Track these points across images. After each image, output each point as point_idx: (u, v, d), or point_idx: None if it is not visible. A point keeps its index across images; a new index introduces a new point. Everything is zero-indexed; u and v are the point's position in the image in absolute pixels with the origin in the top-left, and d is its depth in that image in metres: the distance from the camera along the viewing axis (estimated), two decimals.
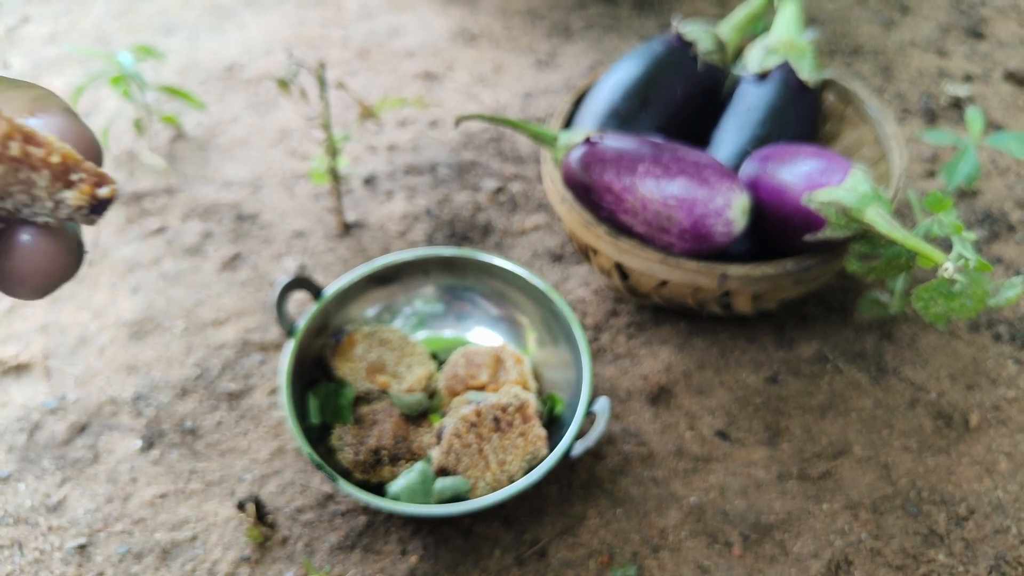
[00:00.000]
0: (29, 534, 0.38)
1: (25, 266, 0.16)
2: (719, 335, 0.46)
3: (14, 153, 0.15)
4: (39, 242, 0.16)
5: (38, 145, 0.16)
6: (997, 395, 0.43)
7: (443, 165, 0.58)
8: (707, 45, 0.48)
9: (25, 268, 0.16)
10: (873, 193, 0.37)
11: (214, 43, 0.69)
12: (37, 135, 0.16)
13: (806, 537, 0.38)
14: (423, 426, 0.39)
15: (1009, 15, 0.71)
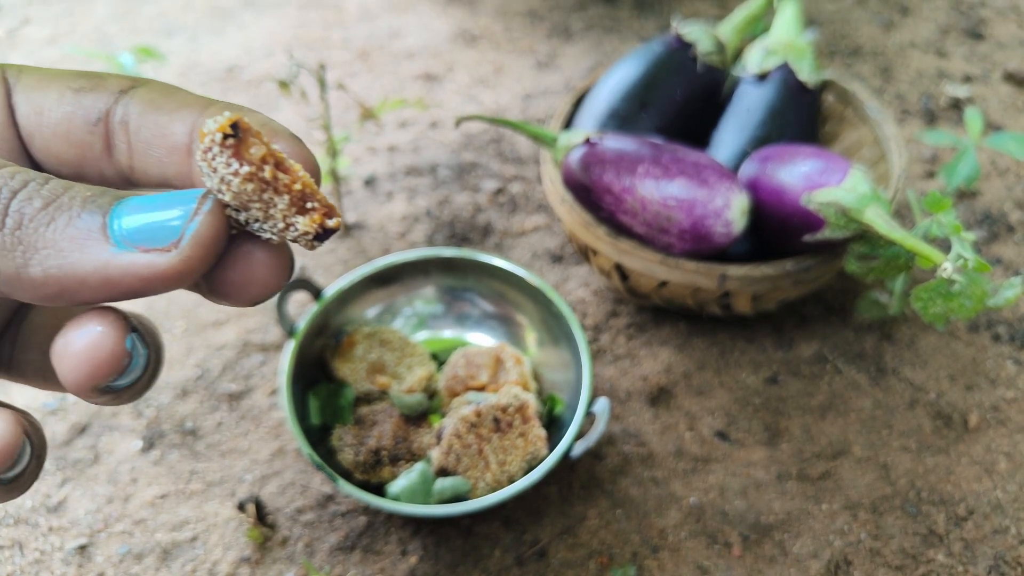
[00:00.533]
0: (30, 534, 0.38)
1: (244, 276, 0.17)
2: (719, 336, 0.47)
3: (266, 176, 0.16)
4: (261, 256, 0.17)
5: (286, 172, 0.17)
6: (996, 395, 0.44)
7: (443, 166, 0.58)
8: (707, 46, 0.48)
9: (244, 278, 0.17)
10: (872, 193, 0.38)
11: (215, 44, 0.69)
12: (287, 162, 0.17)
13: (805, 537, 0.38)
14: (423, 427, 0.39)
15: (1008, 16, 0.71)
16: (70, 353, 0.16)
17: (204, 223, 0.16)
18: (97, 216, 0.16)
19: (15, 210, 0.15)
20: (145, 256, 0.15)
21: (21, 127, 0.19)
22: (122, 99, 0.19)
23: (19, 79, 0.19)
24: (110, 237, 0.15)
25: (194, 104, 0.19)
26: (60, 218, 0.15)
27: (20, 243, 0.15)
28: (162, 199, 0.16)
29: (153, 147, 0.19)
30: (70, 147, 0.19)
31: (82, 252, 0.15)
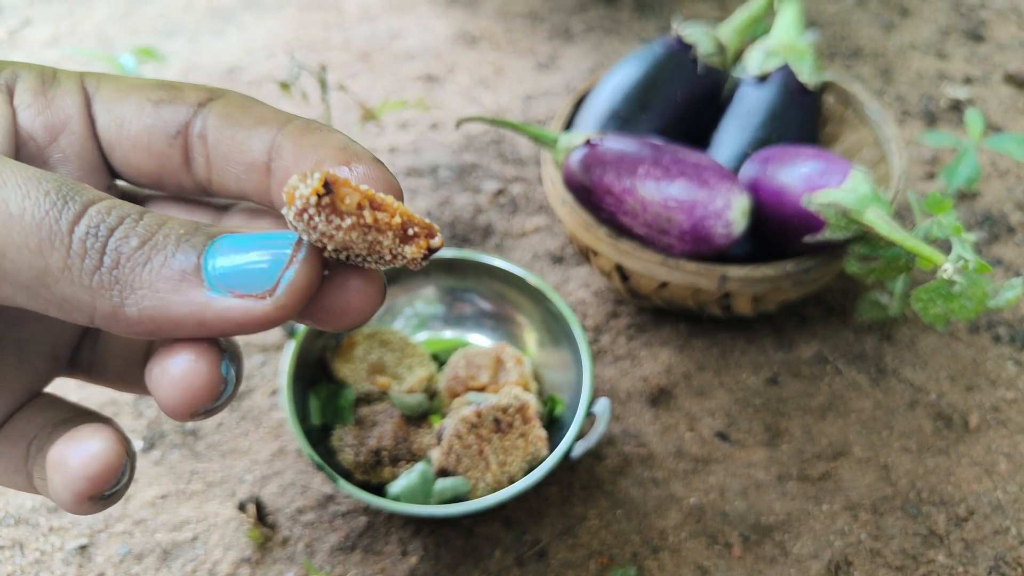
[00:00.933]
0: (30, 535, 0.38)
1: (339, 306, 0.18)
2: (719, 337, 0.47)
3: (367, 221, 0.16)
4: (356, 284, 0.18)
5: (384, 210, 0.17)
6: (997, 396, 0.44)
7: (444, 167, 0.58)
8: (707, 47, 0.48)
9: (338, 308, 0.18)
10: (873, 195, 0.38)
11: (215, 45, 0.70)
12: (384, 201, 0.17)
13: (806, 538, 0.38)
14: (423, 427, 0.39)
15: (1009, 18, 0.71)
16: (168, 383, 0.17)
17: (299, 272, 0.16)
18: (192, 256, 0.16)
19: (112, 248, 0.15)
20: (240, 302, 0.16)
21: (101, 138, 0.20)
22: (200, 112, 0.19)
23: (98, 88, 0.20)
24: (204, 279, 0.16)
25: (272, 120, 0.19)
26: (156, 258, 0.16)
27: (117, 282, 0.15)
28: (255, 241, 0.16)
29: (231, 163, 0.19)
30: (150, 159, 0.19)
31: (177, 294, 0.15)
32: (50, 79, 0.20)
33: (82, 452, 0.17)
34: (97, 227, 0.15)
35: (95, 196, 0.16)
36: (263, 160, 0.19)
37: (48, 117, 0.19)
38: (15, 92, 0.19)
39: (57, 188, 0.15)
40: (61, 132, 0.19)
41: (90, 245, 0.15)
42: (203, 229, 0.16)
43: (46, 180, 0.16)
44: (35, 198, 0.15)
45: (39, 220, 0.15)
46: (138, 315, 0.16)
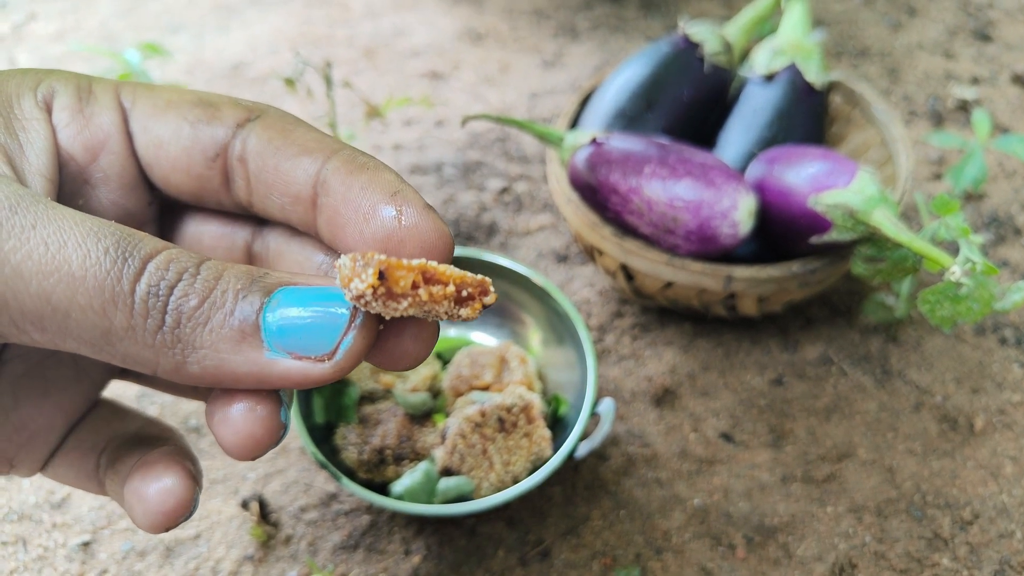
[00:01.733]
0: (33, 531, 0.38)
1: (400, 351, 0.19)
2: (724, 337, 0.46)
3: (422, 298, 0.17)
4: (416, 331, 0.19)
5: (438, 281, 0.17)
6: (1002, 399, 0.43)
7: (449, 165, 0.58)
8: (714, 46, 0.48)
9: (399, 352, 0.19)
10: (880, 195, 0.37)
11: (220, 41, 0.69)
12: (436, 271, 0.17)
13: (810, 540, 0.37)
14: (427, 426, 0.39)
15: (1017, 18, 0.71)
16: (231, 432, 0.17)
17: (357, 338, 0.16)
18: (250, 314, 0.16)
19: (173, 308, 0.16)
20: (299, 364, 0.16)
21: (140, 156, 0.20)
22: (239, 133, 0.19)
23: (134, 103, 0.20)
24: (264, 339, 0.16)
25: (315, 150, 0.19)
26: (215, 317, 0.16)
27: (179, 341, 0.16)
28: (312, 297, 0.16)
29: (274, 192, 0.19)
30: (189, 180, 0.20)
31: (238, 354, 0.16)
32: (86, 94, 0.20)
33: (159, 488, 0.19)
34: (158, 285, 0.15)
35: (152, 249, 0.16)
36: (308, 194, 0.19)
37: (87, 136, 0.19)
38: (53, 108, 0.19)
39: (116, 243, 0.15)
40: (101, 152, 0.19)
41: (152, 305, 0.15)
42: (259, 282, 0.17)
43: (104, 235, 0.16)
44: (96, 257, 0.15)
45: (101, 281, 0.15)
46: (200, 372, 0.16)
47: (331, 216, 0.19)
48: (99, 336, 0.16)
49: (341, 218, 0.18)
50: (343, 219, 0.18)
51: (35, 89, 0.19)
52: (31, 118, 0.19)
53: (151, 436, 0.21)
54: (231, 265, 0.17)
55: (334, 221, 0.18)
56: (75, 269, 0.15)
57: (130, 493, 0.19)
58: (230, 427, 0.17)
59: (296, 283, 0.17)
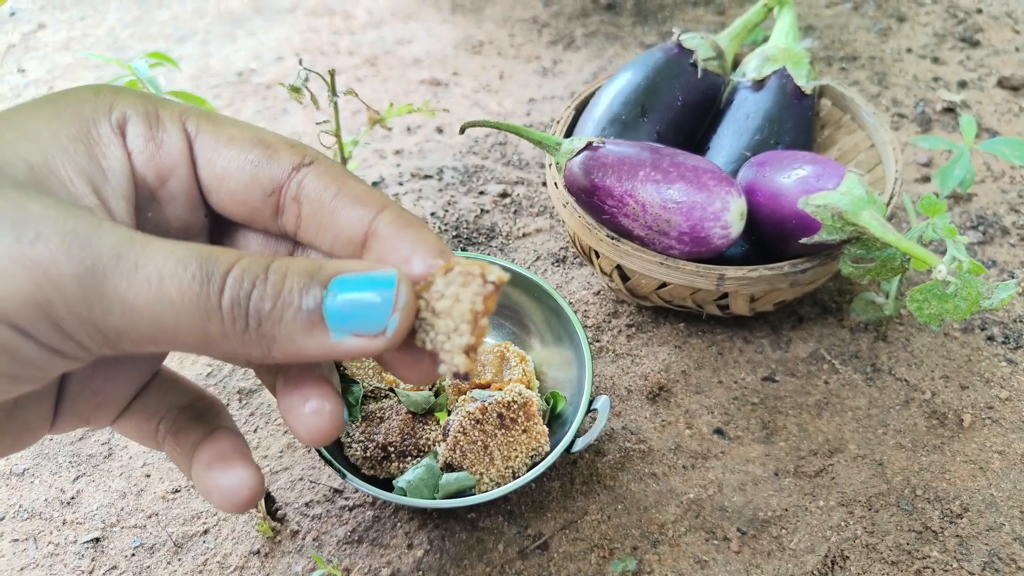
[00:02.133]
0: (44, 528, 0.39)
1: (415, 369, 0.23)
2: (717, 336, 0.47)
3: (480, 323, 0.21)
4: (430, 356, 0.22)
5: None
6: (990, 395, 0.44)
7: (449, 170, 0.59)
8: (706, 53, 0.50)
9: (414, 370, 0.23)
10: (868, 197, 0.38)
11: (226, 50, 0.71)
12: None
13: (802, 532, 0.38)
14: (430, 423, 0.40)
15: (1004, 22, 0.72)
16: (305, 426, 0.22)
17: (402, 319, 0.20)
18: (314, 306, 0.19)
19: (253, 312, 0.19)
20: (358, 341, 0.20)
21: (202, 183, 0.22)
22: (294, 176, 0.22)
23: (198, 133, 0.22)
24: (327, 323, 0.20)
25: (368, 202, 0.22)
26: (287, 313, 0.19)
27: (263, 337, 0.19)
28: (364, 283, 0.20)
29: (327, 232, 0.23)
30: (244, 209, 0.23)
31: (310, 340, 0.20)
32: (155, 120, 0.22)
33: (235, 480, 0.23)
34: (238, 296, 0.19)
35: (228, 265, 0.19)
36: (359, 239, 0.22)
37: (158, 163, 0.22)
38: (127, 134, 0.22)
39: (199, 266, 0.19)
40: (169, 178, 0.22)
41: (237, 313, 0.19)
42: (317, 276, 0.20)
43: (189, 262, 0.19)
44: (188, 283, 0.18)
45: (195, 302, 0.19)
46: (283, 356, 0.20)
47: (379, 258, 0.22)
48: (202, 343, 0.19)
49: (387, 261, 0.22)
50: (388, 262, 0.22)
51: (109, 114, 0.21)
52: (109, 144, 0.21)
53: (204, 409, 0.26)
54: (293, 263, 0.20)
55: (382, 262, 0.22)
56: (175, 297, 0.18)
57: (208, 481, 0.24)
58: (303, 422, 0.22)
59: (347, 271, 0.20)
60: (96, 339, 0.19)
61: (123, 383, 0.25)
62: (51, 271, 0.17)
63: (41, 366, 0.19)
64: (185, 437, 0.25)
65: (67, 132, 0.20)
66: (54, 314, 0.18)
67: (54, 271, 0.17)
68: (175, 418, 0.25)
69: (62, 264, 0.17)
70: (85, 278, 0.18)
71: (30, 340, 0.18)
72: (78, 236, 0.18)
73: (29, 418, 0.23)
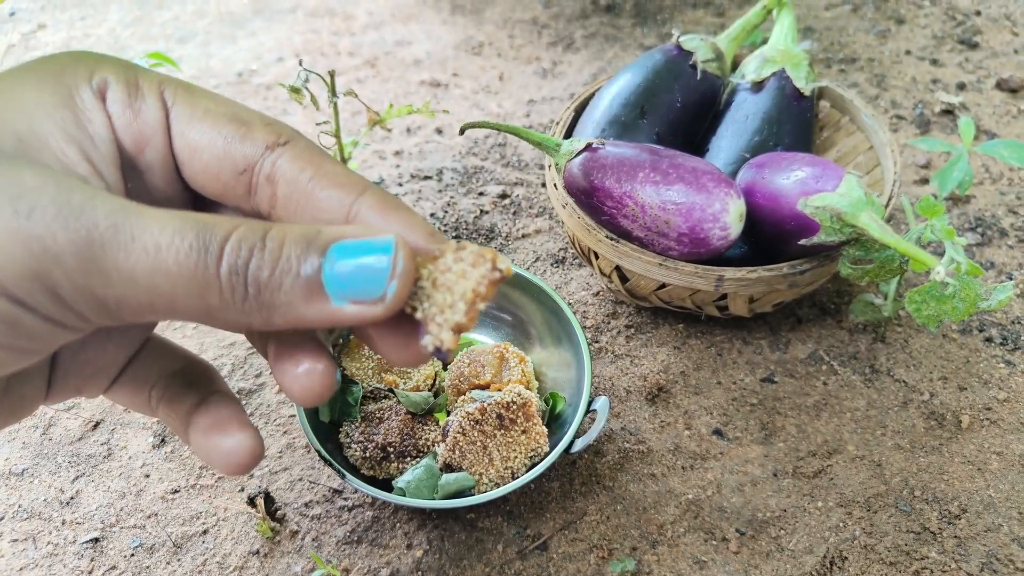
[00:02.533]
0: (43, 528, 0.39)
1: (404, 348, 0.22)
2: (716, 336, 0.47)
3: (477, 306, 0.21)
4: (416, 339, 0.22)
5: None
6: (988, 396, 0.44)
7: (449, 171, 0.59)
8: (706, 55, 0.50)
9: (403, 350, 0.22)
10: (866, 199, 0.39)
11: (226, 51, 0.71)
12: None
13: (801, 533, 0.38)
14: (429, 423, 0.40)
15: (1002, 25, 0.73)
16: (299, 387, 0.22)
17: (400, 284, 0.20)
18: (312, 273, 0.19)
19: (252, 280, 0.19)
20: (357, 307, 0.20)
21: (176, 155, 0.22)
22: (268, 155, 0.22)
23: (174, 103, 0.22)
24: (327, 290, 0.19)
25: (346, 185, 0.22)
26: (286, 281, 0.19)
27: (263, 305, 0.19)
28: (361, 250, 0.19)
29: (302, 216, 0.22)
30: (216, 184, 0.22)
31: (310, 306, 0.19)
32: (134, 88, 0.22)
33: (234, 444, 0.23)
34: (235, 264, 0.19)
35: (225, 233, 0.19)
36: (339, 222, 0.22)
37: (136, 130, 0.22)
38: (107, 100, 0.21)
39: (196, 235, 0.19)
40: (146, 147, 0.22)
41: (235, 282, 0.19)
42: (315, 242, 0.19)
43: (186, 231, 0.19)
44: (184, 252, 0.18)
45: (193, 271, 0.18)
46: (284, 323, 0.20)
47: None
48: (201, 312, 0.19)
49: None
50: None
51: (90, 80, 0.21)
52: (92, 109, 0.21)
53: (197, 375, 0.26)
54: (290, 229, 0.20)
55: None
56: (172, 267, 0.18)
57: (208, 446, 0.24)
58: (297, 382, 0.22)
59: (346, 235, 0.20)
60: (96, 310, 0.18)
61: (114, 352, 0.25)
62: (48, 243, 0.17)
63: (42, 338, 0.19)
64: (179, 403, 0.25)
65: (52, 99, 0.20)
66: (53, 285, 0.18)
67: (51, 243, 0.17)
68: (167, 384, 0.25)
69: (59, 236, 0.17)
70: (82, 249, 0.17)
71: (30, 312, 0.18)
72: (73, 207, 0.18)
73: (25, 390, 0.23)
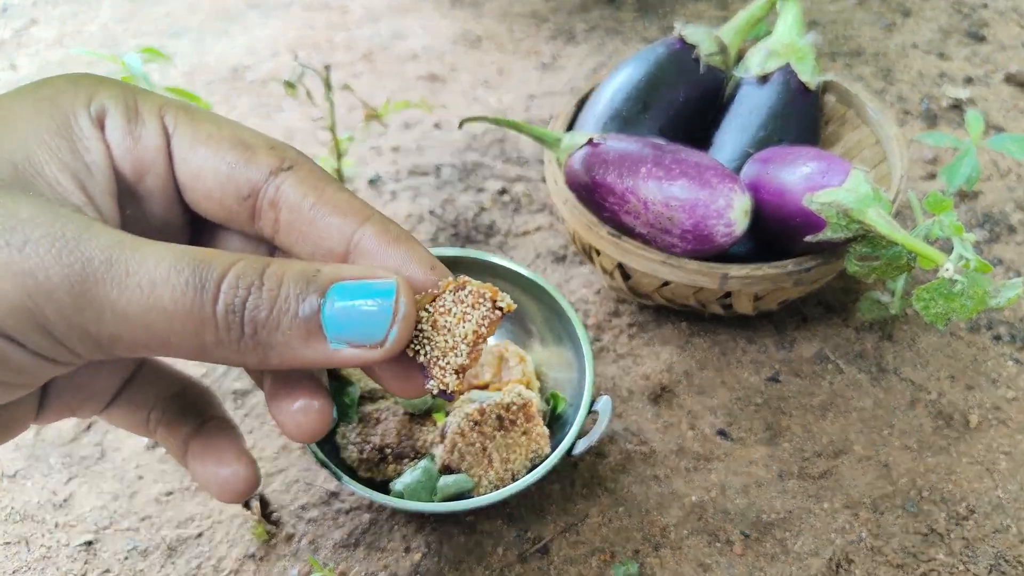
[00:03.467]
0: (36, 531, 0.38)
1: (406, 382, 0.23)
2: (720, 335, 0.47)
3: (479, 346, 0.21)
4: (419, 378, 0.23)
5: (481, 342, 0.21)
6: (997, 395, 0.44)
7: (447, 166, 0.58)
8: (709, 48, 0.49)
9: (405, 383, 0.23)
10: (873, 194, 0.38)
11: (220, 46, 0.70)
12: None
13: (807, 535, 0.38)
14: (427, 424, 0.39)
15: (1010, 18, 0.72)
16: (295, 425, 0.22)
17: (401, 330, 0.20)
18: (311, 314, 0.19)
19: (249, 320, 0.19)
20: (356, 351, 0.19)
21: (179, 180, 0.22)
22: (272, 180, 0.21)
23: (176, 128, 0.21)
24: (325, 332, 0.19)
25: (349, 213, 0.21)
26: (284, 321, 0.19)
27: (259, 344, 0.19)
28: (363, 291, 0.19)
29: (307, 242, 0.22)
30: (220, 209, 0.22)
31: (306, 348, 0.19)
32: (134, 114, 0.21)
33: (229, 473, 0.23)
34: (232, 303, 0.18)
35: (222, 270, 0.19)
36: (340, 251, 0.22)
37: (136, 156, 0.21)
38: (105, 127, 0.21)
39: (192, 271, 0.18)
40: (147, 173, 0.21)
41: (232, 320, 0.18)
42: (314, 282, 0.19)
43: (182, 267, 0.18)
44: (180, 289, 0.18)
45: (189, 309, 0.18)
46: (280, 363, 0.19)
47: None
48: (196, 350, 0.19)
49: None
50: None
51: (88, 106, 0.21)
52: (90, 137, 0.21)
53: (194, 398, 0.25)
54: (289, 267, 0.19)
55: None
56: (167, 304, 0.18)
57: (204, 473, 0.24)
58: (292, 419, 0.22)
59: (345, 276, 0.19)
60: (88, 345, 0.18)
61: (107, 377, 0.24)
62: (41, 279, 0.17)
63: (32, 373, 0.19)
64: (177, 428, 0.24)
65: (48, 126, 0.20)
66: (44, 322, 0.17)
67: (44, 279, 0.17)
68: (165, 408, 0.25)
69: (52, 271, 0.17)
70: (76, 285, 0.17)
71: (20, 348, 0.18)
72: (68, 241, 0.17)
73: (15, 412, 0.23)
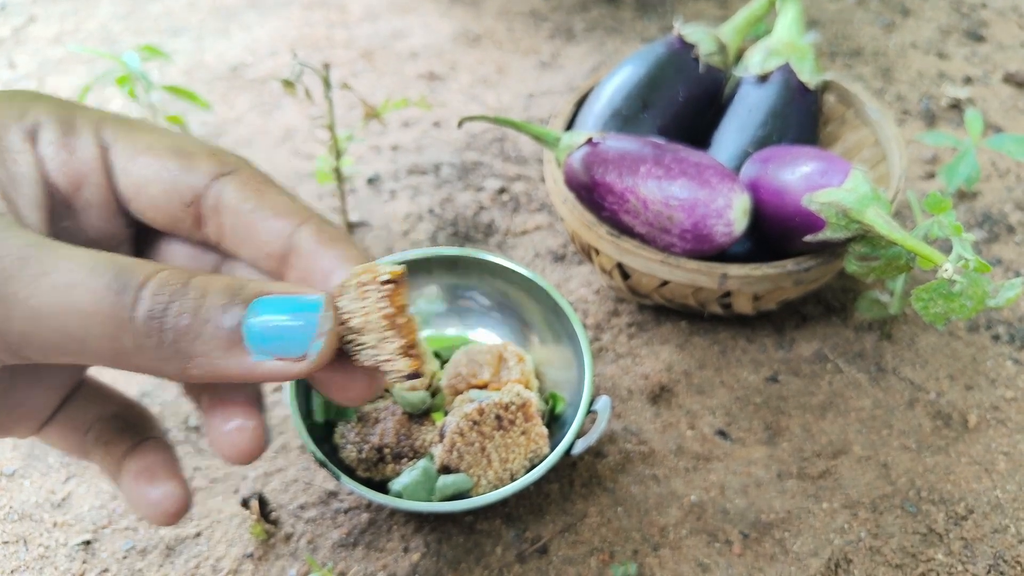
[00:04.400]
0: (34, 530, 0.38)
1: (347, 390, 0.22)
2: (719, 335, 0.47)
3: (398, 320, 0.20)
4: (361, 376, 0.22)
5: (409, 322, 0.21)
6: (996, 395, 0.44)
7: (446, 165, 0.58)
8: (708, 47, 0.49)
9: (347, 391, 0.22)
10: (873, 194, 0.38)
11: (219, 44, 0.70)
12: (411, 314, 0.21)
13: (806, 535, 0.38)
14: (426, 424, 0.39)
15: (1009, 17, 0.72)
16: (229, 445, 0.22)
17: (326, 344, 0.19)
18: (234, 324, 0.19)
19: (170, 327, 0.18)
20: (279, 364, 0.19)
21: (120, 191, 0.22)
22: (213, 185, 0.22)
23: (115, 141, 0.22)
24: (247, 344, 0.19)
25: (288, 215, 0.22)
26: (206, 331, 0.19)
27: (179, 353, 0.19)
28: (287, 305, 0.19)
29: (247, 246, 0.22)
30: (164, 217, 0.22)
31: (229, 359, 0.19)
32: (69, 128, 0.21)
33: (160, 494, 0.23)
34: (153, 309, 0.18)
35: (145, 276, 0.18)
36: (280, 252, 0.22)
37: (71, 169, 0.21)
38: (38, 141, 0.21)
39: (114, 276, 0.18)
40: (83, 185, 0.22)
41: (152, 327, 0.18)
42: (239, 295, 0.19)
43: (103, 270, 0.18)
44: (101, 292, 0.18)
45: (108, 312, 0.18)
46: (200, 374, 0.19)
47: (303, 276, 0.22)
48: (113, 355, 0.19)
49: (311, 279, 0.22)
50: (312, 280, 0.22)
51: (20, 121, 0.21)
52: (19, 151, 0.21)
53: (133, 420, 0.25)
54: (214, 279, 0.19)
55: (306, 280, 0.22)
56: (85, 306, 0.18)
57: (135, 493, 0.23)
58: (226, 439, 0.22)
59: (271, 292, 0.19)
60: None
61: (44, 394, 0.24)
62: None
63: None
64: (114, 448, 0.24)
65: None
66: None
67: None
68: (102, 428, 0.24)
69: None
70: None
71: None
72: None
73: None
